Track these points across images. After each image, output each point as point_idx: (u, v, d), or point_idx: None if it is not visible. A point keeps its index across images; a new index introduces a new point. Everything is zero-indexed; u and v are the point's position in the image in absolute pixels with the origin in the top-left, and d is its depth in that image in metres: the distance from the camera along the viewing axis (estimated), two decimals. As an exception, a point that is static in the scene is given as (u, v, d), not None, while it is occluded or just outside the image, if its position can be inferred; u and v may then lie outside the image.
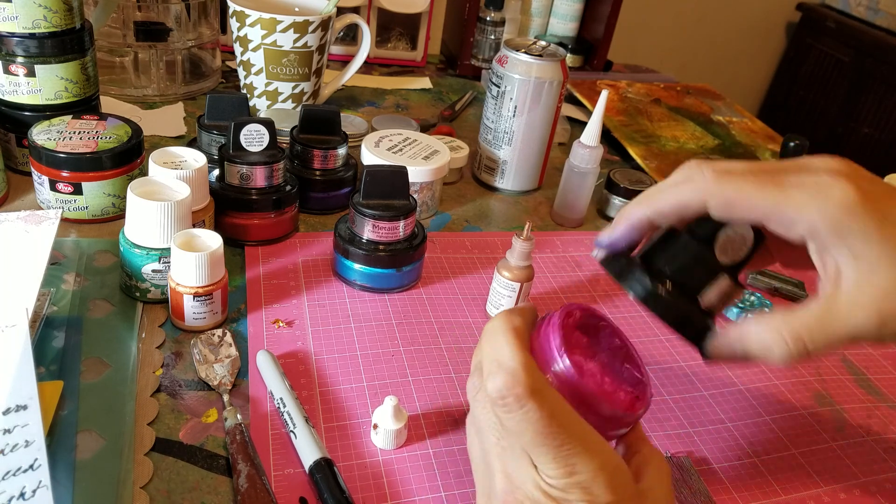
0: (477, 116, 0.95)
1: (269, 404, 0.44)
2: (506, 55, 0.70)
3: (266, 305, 0.53)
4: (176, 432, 0.42)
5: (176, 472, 0.39)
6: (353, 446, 0.42)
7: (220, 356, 0.47)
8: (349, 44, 1.05)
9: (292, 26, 0.74)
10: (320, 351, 0.49)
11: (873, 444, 0.49)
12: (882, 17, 1.72)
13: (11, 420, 0.35)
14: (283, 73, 0.77)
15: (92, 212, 0.58)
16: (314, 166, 0.64)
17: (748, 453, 0.47)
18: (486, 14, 1.05)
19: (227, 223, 0.58)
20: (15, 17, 0.57)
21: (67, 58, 0.60)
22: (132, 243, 0.49)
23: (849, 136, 1.76)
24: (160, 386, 0.44)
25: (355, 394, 0.46)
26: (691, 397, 0.51)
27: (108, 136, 0.58)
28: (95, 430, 0.40)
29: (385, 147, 0.65)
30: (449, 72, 1.11)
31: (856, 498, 0.45)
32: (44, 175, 0.56)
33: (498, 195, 0.75)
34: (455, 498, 0.40)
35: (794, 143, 0.75)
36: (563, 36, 1.16)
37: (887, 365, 0.58)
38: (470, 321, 0.55)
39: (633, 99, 1.00)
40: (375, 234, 0.54)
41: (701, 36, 1.82)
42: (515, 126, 0.71)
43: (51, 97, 0.61)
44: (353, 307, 0.54)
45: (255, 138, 0.57)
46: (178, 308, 0.48)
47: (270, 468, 0.40)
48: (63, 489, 0.36)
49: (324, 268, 0.58)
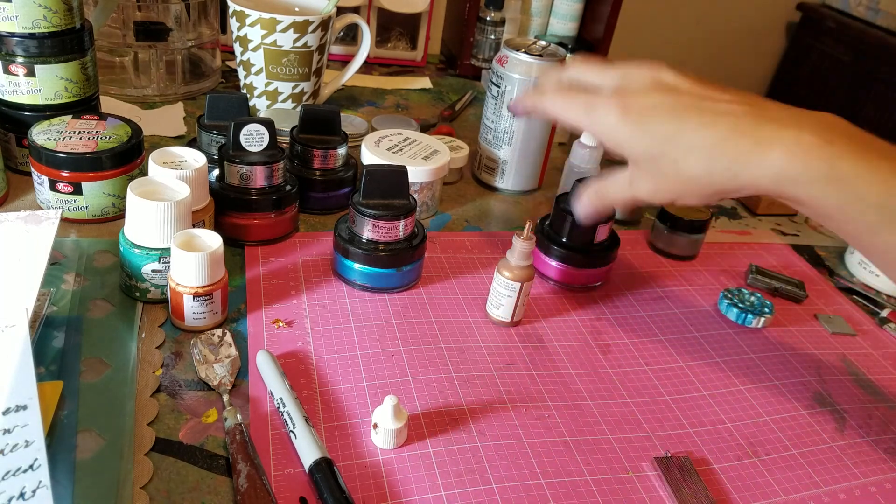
0: (477, 116, 0.95)
1: (268, 404, 0.44)
2: (506, 55, 0.70)
3: (266, 305, 0.53)
4: (176, 432, 0.42)
5: (176, 472, 0.39)
6: (353, 446, 0.42)
7: (219, 356, 0.47)
8: (349, 44, 1.05)
9: (292, 26, 0.74)
10: (320, 351, 0.49)
11: (873, 445, 0.49)
12: (882, 17, 1.72)
13: (11, 420, 0.35)
14: (283, 72, 0.77)
15: (92, 212, 0.58)
16: (314, 166, 0.64)
17: (748, 453, 0.47)
18: (486, 14, 1.05)
19: (227, 223, 0.58)
20: (15, 16, 0.57)
21: (67, 58, 0.60)
22: (132, 243, 0.49)
23: (849, 136, 1.76)
24: (160, 386, 0.44)
25: (355, 394, 0.46)
26: (691, 397, 0.51)
27: (108, 136, 0.58)
28: (95, 430, 0.40)
29: (385, 147, 0.65)
30: (449, 72, 1.11)
31: (856, 498, 0.45)
32: (44, 175, 0.56)
33: (498, 195, 0.75)
34: (455, 497, 0.40)
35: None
36: (563, 36, 1.16)
37: (887, 365, 0.58)
38: (470, 321, 0.55)
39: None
40: (375, 234, 0.54)
41: (701, 36, 1.82)
42: (515, 126, 0.71)
43: (51, 97, 0.61)
44: (353, 307, 0.54)
45: (254, 138, 0.57)
46: (178, 308, 0.48)
47: (270, 468, 0.40)
48: (63, 489, 0.36)
49: (324, 268, 0.58)
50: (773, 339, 0.59)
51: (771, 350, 0.57)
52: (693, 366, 0.54)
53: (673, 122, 0.41)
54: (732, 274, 0.67)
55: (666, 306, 0.61)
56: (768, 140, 0.39)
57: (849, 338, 0.61)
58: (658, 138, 0.41)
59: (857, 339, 0.61)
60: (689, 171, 0.41)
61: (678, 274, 0.66)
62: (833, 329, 0.61)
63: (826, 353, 0.58)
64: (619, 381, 0.51)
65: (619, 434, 0.47)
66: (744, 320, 0.59)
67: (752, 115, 0.40)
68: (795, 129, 0.39)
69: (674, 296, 0.62)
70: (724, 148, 0.40)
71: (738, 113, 0.40)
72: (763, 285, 0.65)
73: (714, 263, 0.68)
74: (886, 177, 0.37)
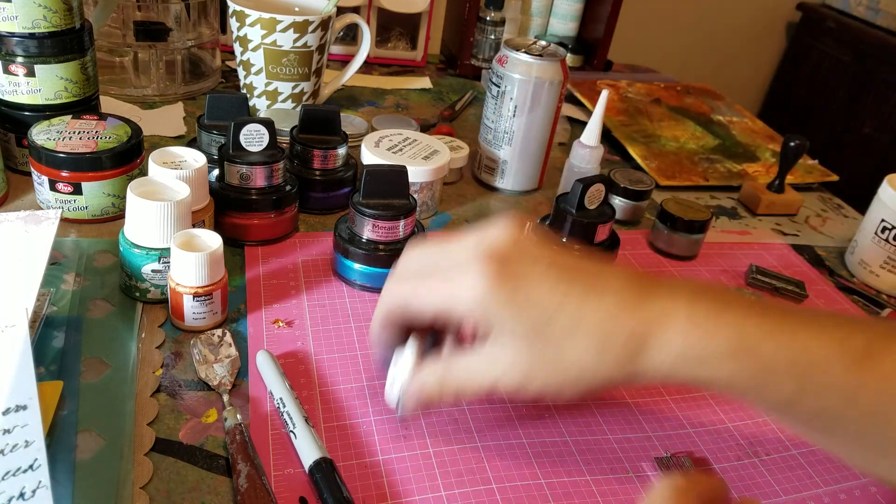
0: (477, 116, 0.95)
1: (268, 404, 0.44)
2: (506, 55, 0.70)
3: (266, 305, 0.53)
4: (176, 432, 0.42)
5: (176, 473, 0.39)
6: (353, 446, 0.42)
7: (219, 356, 0.47)
8: (349, 44, 1.05)
9: (292, 26, 0.74)
10: (320, 351, 0.49)
11: (873, 445, 0.49)
12: (882, 17, 1.72)
13: (11, 420, 0.35)
14: (283, 72, 0.77)
15: (92, 212, 0.58)
16: (314, 166, 0.64)
17: (748, 453, 0.47)
18: (486, 14, 1.05)
19: (227, 223, 0.58)
20: (14, 16, 0.57)
21: (67, 58, 0.60)
22: (132, 243, 0.49)
23: (849, 136, 1.76)
24: (160, 386, 0.44)
25: (355, 394, 0.46)
26: (691, 397, 0.51)
27: (108, 136, 0.58)
28: (95, 430, 0.40)
29: (385, 147, 0.65)
30: (449, 72, 1.11)
31: (856, 498, 0.45)
32: (43, 175, 0.56)
33: (498, 195, 0.75)
34: (455, 498, 0.40)
35: (794, 142, 0.75)
36: (564, 36, 1.16)
37: (887, 365, 0.58)
38: (470, 321, 0.55)
39: (633, 99, 1.00)
40: (375, 234, 0.54)
41: (701, 36, 1.82)
42: (515, 126, 0.71)
43: (50, 97, 0.61)
44: (353, 307, 0.54)
45: (254, 138, 0.57)
46: (178, 308, 0.48)
47: (270, 468, 0.40)
48: (63, 489, 0.36)
49: (324, 268, 0.58)
50: (773, 339, 0.59)
51: (771, 350, 0.57)
52: (693, 366, 0.54)
53: (553, 294, 0.35)
54: (733, 274, 0.67)
55: (666, 306, 0.61)
56: (658, 317, 0.34)
57: (849, 338, 0.61)
58: (538, 311, 0.35)
59: (857, 339, 0.61)
60: (573, 356, 0.35)
61: (678, 274, 0.66)
62: (833, 329, 0.61)
63: (826, 353, 0.58)
64: (619, 381, 0.51)
65: (619, 434, 0.47)
66: (744, 320, 0.59)
67: (632, 287, 0.36)
68: (680, 299, 0.35)
69: (674, 296, 0.62)
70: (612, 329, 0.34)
71: (618, 287, 0.35)
72: (763, 285, 0.65)
73: (714, 263, 0.68)
74: (792, 338, 0.34)
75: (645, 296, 0.35)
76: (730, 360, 0.34)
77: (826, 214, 0.84)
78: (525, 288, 0.35)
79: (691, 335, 0.34)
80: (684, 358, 0.34)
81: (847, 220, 0.83)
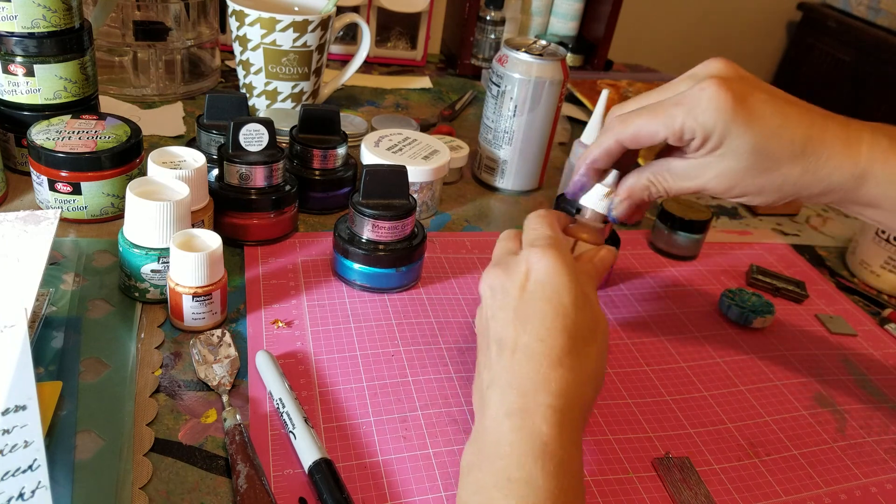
0: (477, 116, 0.95)
1: (268, 405, 0.44)
2: (506, 54, 0.69)
3: (265, 306, 0.53)
4: (175, 433, 0.42)
5: (175, 473, 0.39)
6: (353, 447, 0.42)
7: (219, 356, 0.47)
8: (349, 43, 1.05)
9: (292, 25, 0.74)
10: (320, 351, 0.49)
11: (874, 445, 0.49)
12: (883, 17, 1.72)
13: (10, 420, 0.35)
14: (283, 72, 0.77)
15: (91, 212, 0.58)
16: (314, 166, 0.64)
17: (748, 453, 0.47)
18: (487, 13, 1.05)
19: (227, 223, 0.58)
20: (14, 16, 0.57)
21: (66, 57, 0.60)
22: (131, 243, 0.49)
23: (849, 135, 1.76)
24: (159, 386, 0.44)
25: (355, 394, 0.46)
26: (691, 397, 0.51)
27: (107, 136, 0.58)
28: (94, 431, 0.40)
29: (385, 147, 0.65)
30: (449, 71, 1.11)
31: (856, 499, 0.45)
32: (43, 175, 0.56)
33: (498, 195, 0.75)
34: (455, 498, 0.40)
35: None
36: (564, 35, 1.16)
37: (888, 365, 0.58)
38: (470, 321, 0.55)
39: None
40: (375, 234, 0.54)
41: (701, 36, 1.82)
42: (516, 126, 0.71)
43: (50, 97, 0.61)
44: (353, 307, 0.54)
45: (254, 138, 0.57)
46: (178, 308, 0.48)
47: (270, 469, 0.40)
48: (62, 490, 0.36)
49: (323, 268, 0.58)
50: (773, 340, 0.59)
51: (772, 350, 0.57)
52: (693, 366, 0.54)
53: (779, 117, 0.40)
54: (733, 274, 0.67)
55: (666, 306, 0.61)
56: (856, 139, 0.40)
57: (850, 338, 0.61)
58: (767, 130, 0.40)
59: (858, 339, 0.61)
60: (786, 171, 0.40)
61: (679, 274, 0.66)
62: (834, 329, 0.61)
63: (827, 354, 0.58)
64: (619, 381, 0.51)
65: (619, 434, 0.46)
66: (745, 320, 0.59)
67: (831, 117, 0.41)
68: (870, 131, 0.40)
69: (674, 296, 0.62)
70: (815, 145, 0.40)
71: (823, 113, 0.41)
72: (764, 285, 0.65)
73: (715, 263, 0.68)
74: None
75: (855, 131, 0.40)
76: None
77: (827, 214, 0.84)
78: (756, 107, 0.40)
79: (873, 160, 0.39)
80: (889, 180, 0.39)
81: (847, 220, 0.83)
